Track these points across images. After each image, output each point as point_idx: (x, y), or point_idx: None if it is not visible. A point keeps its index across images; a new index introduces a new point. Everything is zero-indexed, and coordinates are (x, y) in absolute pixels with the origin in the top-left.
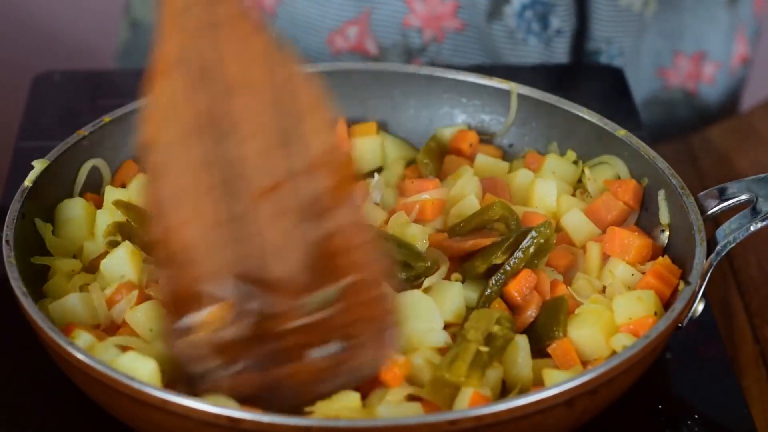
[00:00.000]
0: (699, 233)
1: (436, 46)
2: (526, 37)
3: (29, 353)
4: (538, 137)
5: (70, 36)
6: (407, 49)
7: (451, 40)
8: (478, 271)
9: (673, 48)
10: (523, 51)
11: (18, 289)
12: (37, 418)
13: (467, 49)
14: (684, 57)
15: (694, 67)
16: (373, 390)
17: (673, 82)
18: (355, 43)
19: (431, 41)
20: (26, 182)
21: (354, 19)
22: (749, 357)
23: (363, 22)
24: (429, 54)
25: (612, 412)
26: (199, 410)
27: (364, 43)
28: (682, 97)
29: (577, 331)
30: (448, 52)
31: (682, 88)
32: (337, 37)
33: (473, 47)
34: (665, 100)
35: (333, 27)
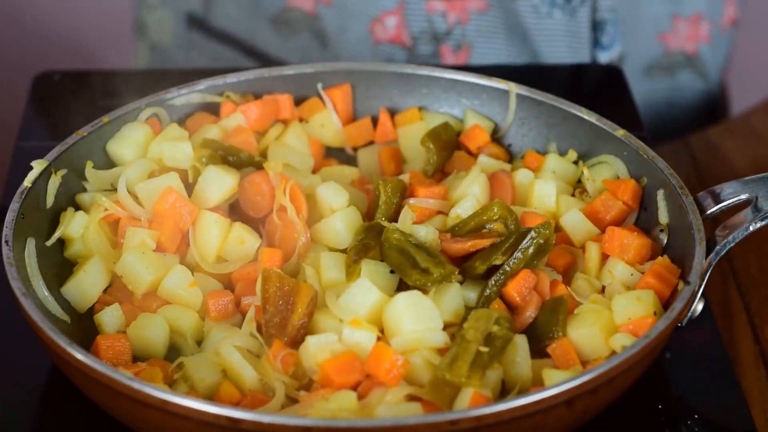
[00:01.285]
0: (698, 233)
1: (461, 28)
2: (550, 10)
3: (29, 353)
4: (537, 137)
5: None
6: (434, 35)
7: (475, 21)
8: (478, 271)
9: (671, 12)
10: (548, 25)
11: (18, 290)
12: (37, 418)
13: (492, 28)
14: (682, 20)
15: (692, 29)
16: (372, 390)
17: (674, 46)
18: (393, 34)
19: (456, 24)
20: (26, 182)
21: (393, 9)
22: (749, 357)
23: (400, 12)
24: (455, 37)
25: (612, 412)
26: (199, 410)
27: (401, 34)
28: (684, 59)
29: (576, 331)
30: (473, 34)
31: (683, 51)
32: (377, 26)
33: (498, 26)
34: (667, 65)
35: (374, 15)
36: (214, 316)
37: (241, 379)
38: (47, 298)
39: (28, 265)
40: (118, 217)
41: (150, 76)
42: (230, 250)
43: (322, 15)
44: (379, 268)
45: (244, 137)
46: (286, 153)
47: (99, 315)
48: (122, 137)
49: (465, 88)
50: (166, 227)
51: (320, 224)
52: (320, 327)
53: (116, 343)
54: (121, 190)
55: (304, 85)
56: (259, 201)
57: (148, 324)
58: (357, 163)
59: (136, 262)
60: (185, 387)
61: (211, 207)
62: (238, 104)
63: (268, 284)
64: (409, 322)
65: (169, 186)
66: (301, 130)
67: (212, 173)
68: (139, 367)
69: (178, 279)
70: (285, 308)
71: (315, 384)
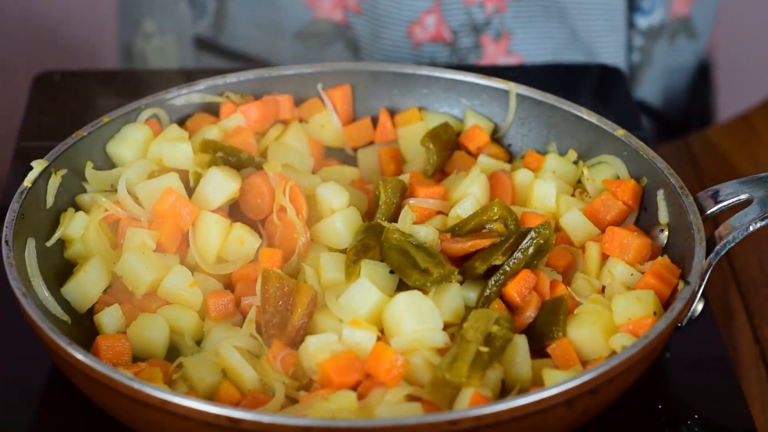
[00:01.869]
0: (698, 233)
1: (500, 17)
2: None
3: (29, 353)
4: (537, 137)
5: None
6: (474, 27)
7: (513, 7)
8: (478, 271)
9: None
10: (585, 1)
11: (18, 290)
12: (37, 418)
13: (530, 12)
14: None
15: None
16: (372, 390)
17: (675, 11)
18: (434, 33)
19: (494, 13)
20: (26, 182)
21: (430, 8)
22: (749, 357)
23: (437, 10)
24: (494, 26)
25: (612, 412)
26: (199, 410)
27: (441, 31)
28: (680, 24)
29: (576, 331)
30: (511, 20)
31: (678, 15)
32: (416, 29)
33: (536, 9)
34: (669, 32)
35: (412, 18)
36: (214, 316)
37: (240, 379)
38: (47, 299)
39: (28, 266)
40: (118, 217)
41: (150, 76)
42: (230, 251)
43: (353, 24)
44: (378, 268)
45: (244, 138)
46: (286, 153)
47: (99, 315)
48: (122, 138)
49: (465, 88)
50: (166, 227)
51: (320, 224)
52: (320, 327)
53: (116, 344)
54: (121, 191)
55: (304, 85)
56: (259, 203)
57: (148, 324)
58: (357, 164)
59: (136, 263)
60: (184, 387)
61: (212, 209)
62: (237, 105)
63: (268, 284)
64: (409, 322)
65: (169, 186)
66: (301, 131)
67: (215, 176)
68: (139, 367)
69: (178, 279)
70: (285, 309)
71: (315, 384)
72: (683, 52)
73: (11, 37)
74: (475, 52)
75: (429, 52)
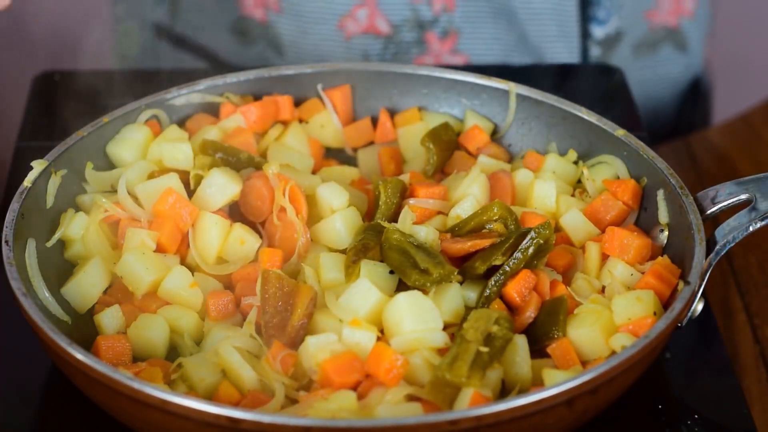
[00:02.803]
0: (698, 233)
1: (448, 15)
2: None
3: (29, 353)
4: (537, 137)
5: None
6: (418, 23)
7: (462, 7)
8: (478, 271)
9: None
10: (536, 4)
11: (18, 290)
12: (37, 418)
13: (479, 12)
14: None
15: (675, 4)
16: (372, 390)
17: (657, 21)
18: (366, 25)
19: (442, 12)
20: (26, 182)
21: (362, 1)
22: (749, 357)
23: (371, 3)
24: (441, 24)
25: (612, 412)
26: (199, 410)
27: (375, 23)
28: (665, 34)
29: (576, 331)
30: (460, 20)
31: (664, 25)
32: (348, 22)
33: (485, 10)
34: (652, 41)
35: (342, 12)
36: (214, 315)
37: (240, 379)
38: (48, 299)
39: (28, 266)
40: (118, 218)
41: (150, 76)
42: (230, 251)
43: (273, 23)
44: (378, 268)
45: (244, 138)
46: (286, 154)
47: (99, 316)
48: (122, 139)
49: (465, 88)
50: (166, 228)
51: (320, 224)
52: (320, 327)
53: (116, 344)
54: (121, 191)
55: (303, 85)
56: (259, 206)
57: (149, 324)
58: (357, 164)
59: (136, 263)
60: (184, 387)
61: (212, 211)
62: (237, 105)
63: (268, 285)
64: (409, 322)
65: (169, 186)
66: (300, 131)
67: (217, 178)
68: (139, 367)
69: (179, 280)
70: (284, 309)
71: (315, 384)
72: (671, 63)
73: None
74: (418, 47)
75: (361, 44)
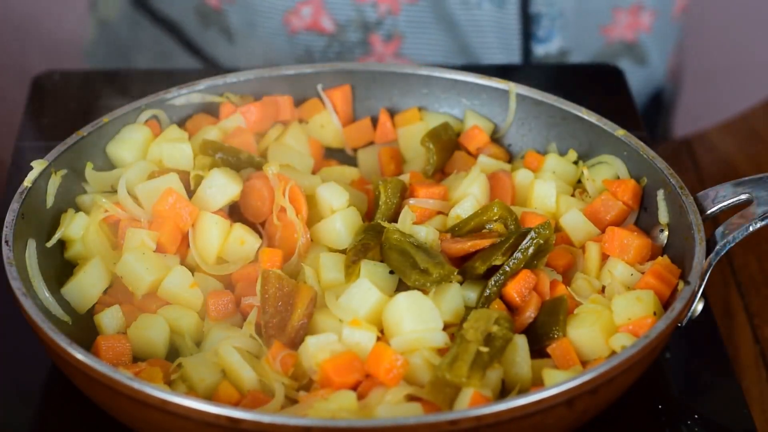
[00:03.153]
0: (698, 233)
1: (393, 18)
2: (479, 2)
3: (29, 353)
4: (537, 137)
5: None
6: (363, 24)
7: (406, 11)
8: (478, 271)
9: (611, 6)
10: (477, 16)
11: (18, 290)
12: (37, 418)
13: (423, 19)
14: (622, 11)
15: (632, 19)
16: (372, 390)
17: (614, 36)
18: (310, 22)
19: (387, 14)
20: (26, 182)
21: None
22: (749, 357)
23: (316, 1)
24: (386, 27)
25: (612, 412)
26: (199, 410)
27: (319, 21)
28: (623, 48)
29: (576, 331)
30: (404, 24)
31: (622, 40)
32: (292, 17)
33: (429, 17)
34: (609, 55)
35: (288, 7)
36: (214, 316)
37: (240, 379)
38: (48, 299)
39: (28, 266)
40: (119, 218)
41: (150, 76)
42: (230, 251)
43: (226, 12)
44: (378, 268)
45: (244, 138)
46: (286, 154)
47: (99, 316)
48: (122, 139)
49: (465, 88)
50: (166, 228)
51: (320, 225)
52: (320, 327)
53: (116, 344)
54: (121, 192)
55: (303, 85)
56: (259, 206)
57: (149, 324)
58: (357, 164)
59: (136, 263)
60: (184, 387)
61: (213, 211)
62: (237, 105)
63: (268, 285)
64: (409, 322)
65: (169, 187)
66: (300, 131)
67: (217, 179)
68: (139, 367)
69: (179, 280)
70: (284, 309)
71: (315, 384)
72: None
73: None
74: (362, 48)
75: (305, 40)
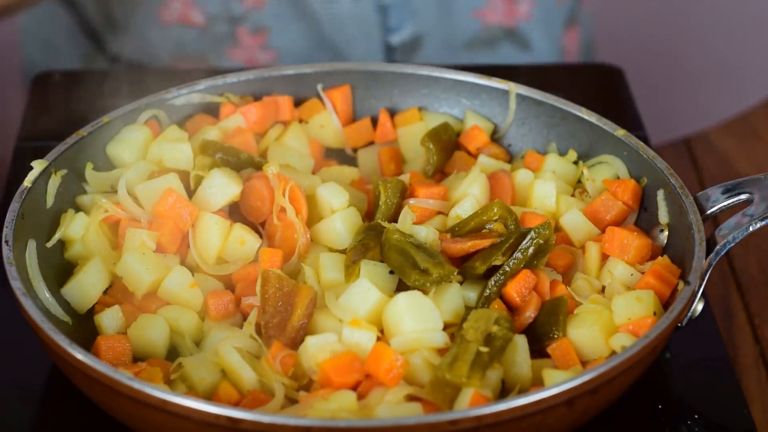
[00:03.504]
0: (698, 233)
1: (258, 12)
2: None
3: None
4: (537, 137)
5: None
6: (231, 18)
7: (270, 6)
8: (478, 271)
9: None
10: (336, 10)
11: (18, 290)
12: (37, 418)
13: (288, 13)
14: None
15: (507, 7)
16: (372, 390)
17: (491, 20)
18: (180, 14)
19: (252, 8)
20: (26, 182)
21: None
22: (749, 357)
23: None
24: (251, 20)
25: (612, 412)
26: (199, 410)
27: (188, 14)
28: (503, 33)
29: (576, 331)
30: (269, 18)
31: (501, 26)
32: (163, 11)
33: (291, 11)
34: (487, 39)
35: (158, 1)
36: (214, 315)
37: (240, 379)
38: (48, 299)
39: (28, 266)
40: (119, 218)
41: (150, 76)
42: (231, 251)
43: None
44: (378, 268)
45: (244, 138)
46: (286, 154)
47: (99, 316)
48: (122, 140)
49: (465, 88)
50: (166, 228)
51: (320, 225)
52: (320, 327)
53: (117, 344)
54: (121, 192)
55: (304, 85)
56: (259, 207)
57: (149, 325)
58: (357, 164)
59: (136, 263)
60: (183, 387)
61: (213, 211)
62: (237, 105)
63: (268, 285)
64: (409, 322)
65: (169, 187)
66: (300, 131)
67: (218, 179)
68: (139, 367)
69: (179, 280)
70: (284, 309)
71: (315, 384)
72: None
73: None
74: (231, 41)
75: (176, 32)
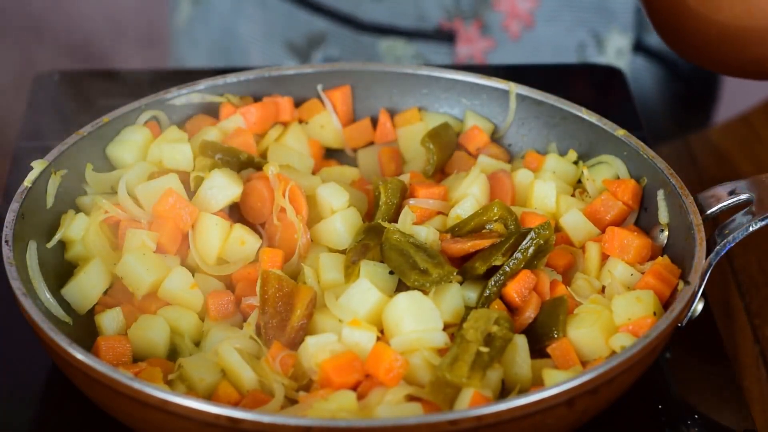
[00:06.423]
0: (698, 233)
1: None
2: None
3: (29, 353)
4: (537, 137)
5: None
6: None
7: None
8: (478, 271)
9: None
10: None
11: (18, 290)
12: (37, 418)
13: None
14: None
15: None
16: (371, 390)
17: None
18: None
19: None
20: (26, 182)
21: None
22: (749, 357)
23: None
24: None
25: (612, 412)
26: (199, 410)
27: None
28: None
29: (576, 331)
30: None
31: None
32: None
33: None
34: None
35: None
36: (214, 315)
37: (239, 380)
38: (48, 300)
39: (29, 266)
40: (119, 219)
41: (150, 76)
42: (231, 252)
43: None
44: (378, 268)
45: (244, 139)
46: (286, 154)
47: (99, 317)
48: (122, 140)
49: (465, 88)
50: (166, 228)
51: (320, 225)
52: (320, 327)
53: (117, 345)
54: (121, 192)
55: (303, 86)
56: (259, 208)
57: (149, 325)
58: (357, 164)
59: (136, 264)
60: (183, 387)
61: (213, 212)
62: (237, 106)
63: (267, 286)
64: (409, 323)
65: (169, 187)
66: (300, 132)
67: (218, 180)
68: (139, 367)
69: (179, 280)
70: (284, 310)
71: (315, 384)
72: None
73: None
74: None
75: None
